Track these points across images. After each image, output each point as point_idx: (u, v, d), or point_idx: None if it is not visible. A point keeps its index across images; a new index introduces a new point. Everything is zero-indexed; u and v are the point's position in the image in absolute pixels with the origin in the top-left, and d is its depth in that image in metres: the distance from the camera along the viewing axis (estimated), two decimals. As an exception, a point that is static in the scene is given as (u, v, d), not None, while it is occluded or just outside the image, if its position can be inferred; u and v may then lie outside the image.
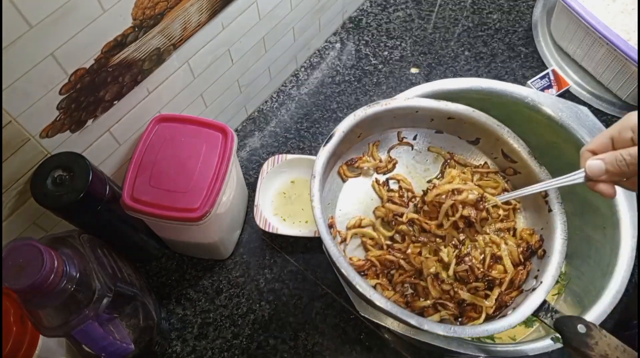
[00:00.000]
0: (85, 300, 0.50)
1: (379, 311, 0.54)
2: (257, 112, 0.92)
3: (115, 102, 0.61)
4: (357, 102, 0.92)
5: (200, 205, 0.60)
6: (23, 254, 0.46)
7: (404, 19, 1.02)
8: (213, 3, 0.65)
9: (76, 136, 0.59)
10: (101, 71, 0.56)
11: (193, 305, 0.75)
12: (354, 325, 0.72)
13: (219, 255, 0.77)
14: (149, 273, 0.77)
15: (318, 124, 0.90)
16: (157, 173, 0.62)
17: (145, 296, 0.65)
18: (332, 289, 0.75)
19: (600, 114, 0.89)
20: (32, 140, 0.54)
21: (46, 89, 0.51)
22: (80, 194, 0.54)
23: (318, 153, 0.61)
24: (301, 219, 0.79)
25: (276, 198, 0.81)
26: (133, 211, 0.61)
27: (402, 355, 0.71)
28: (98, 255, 0.57)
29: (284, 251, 0.78)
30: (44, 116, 0.53)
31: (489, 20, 1.01)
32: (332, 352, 0.71)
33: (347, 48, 0.99)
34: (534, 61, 0.96)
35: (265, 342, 0.72)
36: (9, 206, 0.56)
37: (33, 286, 0.45)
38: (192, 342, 0.72)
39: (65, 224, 0.62)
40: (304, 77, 0.96)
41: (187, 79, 0.70)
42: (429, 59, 0.97)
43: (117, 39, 0.55)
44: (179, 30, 0.63)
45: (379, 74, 0.95)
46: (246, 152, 0.88)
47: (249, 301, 0.75)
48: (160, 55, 0.62)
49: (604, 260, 0.62)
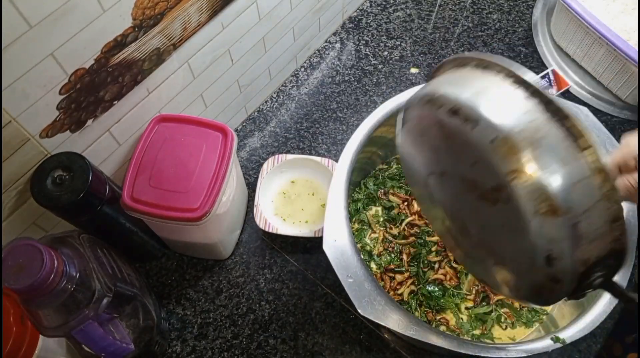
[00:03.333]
0: (85, 300, 0.50)
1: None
2: (257, 112, 0.92)
3: (115, 102, 0.61)
4: (357, 102, 0.92)
5: (200, 205, 0.60)
6: (23, 254, 0.46)
7: (404, 19, 1.02)
8: (213, 3, 0.65)
9: (76, 136, 0.59)
10: (101, 71, 0.56)
11: (193, 305, 0.75)
12: (354, 325, 0.72)
13: (219, 255, 0.77)
14: (149, 273, 0.77)
15: (318, 124, 0.90)
16: (157, 173, 0.62)
17: (145, 296, 0.65)
18: (332, 289, 0.75)
19: (600, 114, 0.89)
20: (32, 140, 0.54)
21: (46, 89, 0.51)
22: (80, 194, 0.54)
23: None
24: (301, 219, 0.79)
25: (276, 198, 0.81)
26: (133, 211, 0.61)
27: (402, 355, 0.71)
28: (98, 255, 0.57)
29: (284, 251, 0.78)
30: (44, 116, 0.53)
31: (489, 21, 1.01)
32: (332, 352, 0.71)
33: (347, 48, 0.99)
34: (534, 61, 0.96)
35: (265, 342, 0.72)
36: (9, 206, 0.56)
37: (33, 286, 0.45)
38: (192, 342, 0.72)
39: (65, 224, 0.62)
40: (304, 77, 0.96)
41: (187, 79, 0.70)
42: (429, 59, 0.97)
43: (117, 39, 0.55)
44: (179, 30, 0.63)
45: (379, 74, 0.95)
46: (246, 152, 0.88)
47: (249, 301, 0.75)
48: (160, 55, 0.63)
49: (603, 260, 0.62)
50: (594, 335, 0.70)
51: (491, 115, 0.37)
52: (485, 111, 0.38)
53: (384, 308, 0.56)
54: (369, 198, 0.78)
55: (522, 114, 0.37)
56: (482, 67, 0.41)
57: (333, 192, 0.64)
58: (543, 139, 0.36)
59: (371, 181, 0.79)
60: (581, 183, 0.36)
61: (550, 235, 0.37)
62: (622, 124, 0.88)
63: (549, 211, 0.36)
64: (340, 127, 0.89)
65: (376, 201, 0.78)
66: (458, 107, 0.39)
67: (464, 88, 0.40)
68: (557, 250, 0.37)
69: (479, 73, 0.41)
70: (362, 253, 0.73)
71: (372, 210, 0.78)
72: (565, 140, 0.36)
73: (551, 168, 0.36)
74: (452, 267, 0.72)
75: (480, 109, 0.38)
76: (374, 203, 0.78)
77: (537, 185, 0.36)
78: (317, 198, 0.80)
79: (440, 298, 0.70)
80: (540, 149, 0.36)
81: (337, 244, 0.60)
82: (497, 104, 0.38)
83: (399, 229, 0.75)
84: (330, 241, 0.60)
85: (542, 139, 0.36)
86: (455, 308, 0.70)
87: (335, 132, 0.89)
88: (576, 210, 0.36)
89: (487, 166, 0.38)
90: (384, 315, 0.56)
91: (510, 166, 0.37)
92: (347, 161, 0.66)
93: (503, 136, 0.37)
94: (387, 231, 0.75)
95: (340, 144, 0.87)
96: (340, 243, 0.60)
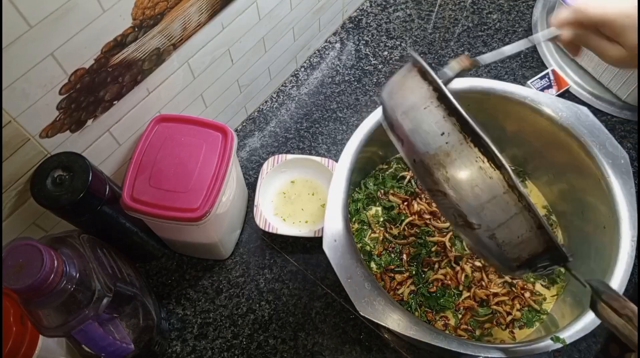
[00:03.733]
0: (85, 300, 0.50)
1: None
2: (257, 112, 0.92)
3: (115, 102, 0.61)
4: (357, 102, 0.92)
5: (200, 205, 0.60)
6: (23, 254, 0.46)
7: (404, 19, 1.02)
8: (213, 3, 0.65)
9: (76, 136, 0.59)
10: (101, 71, 0.56)
11: (193, 305, 0.75)
12: (353, 325, 0.72)
13: (218, 255, 0.77)
14: (149, 273, 0.77)
15: (318, 124, 0.90)
16: (157, 173, 0.62)
17: (145, 296, 0.65)
18: (332, 289, 0.75)
19: (600, 114, 0.89)
20: (32, 140, 0.54)
21: (46, 89, 0.51)
22: (80, 194, 0.54)
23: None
24: (301, 219, 0.79)
25: (276, 198, 0.81)
26: (133, 211, 0.61)
27: (402, 355, 0.71)
28: (98, 255, 0.57)
29: (284, 251, 0.78)
30: (44, 116, 0.53)
31: (489, 20, 1.01)
32: (332, 352, 0.71)
33: (347, 48, 0.99)
34: (534, 61, 0.96)
35: (265, 341, 0.72)
36: (8, 206, 0.56)
37: (33, 286, 0.45)
38: (192, 342, 0.72)
39: (65, 224, 0.62)
40: (303, 77, 0.96)
41: (187, 79, 0.70)
42: (429, 59, 0.97)
43: (117, 39, 0.55)
44: (178, 30, 0.63)
45: (379, 74, 0.95)
46: (246, 152, 0.88)
47: (249, 301, 0.75)
48: (160, 55, 0.63)
49: (603, 260, 0.62)
50: (594, 335, 0.70)
51: (412, 137, 0.42)
52: (409, 132, 0.43)
53: (384, 308, 0.56)
54: (369, 198, 0.78)
55: (437, 136, 0.41)
56: (421, 73, 0.44)
57: (333, 192, 0.64)
58: (455, 160, 0.40)
59: (371, 181, 0.79)
60: (495, 200, 0.40)
61: (476, 240, 0.42)
62: (622, 124, 0.88)
63: (465, 225, 0.41)
64: (340, 128, 0.89)
65: (376, 201, 0.78)
66: (392, 124, 0.45)
67: (398, 103, 0.45)
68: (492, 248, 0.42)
69: (416, 81, 0.44)
70: (362, 253, 0.73)
71: (372, 210, 0.78)
72: (477, 161, 0.40)
73: (460, 188, 0.40)
74: (452, 267, 0.72)
75: (404, 129, 0.43)
76: (374, 203, 0.78)
77: (451, 204, 0.41)
78: (317, 198, 0.80)
79: (440, 298, 0.70)
80: (452, 170, 0.40)
81: (337, 244, 0.60)
82: (419, 124, 0.42)
83: (399, 229, 0.75)
84: (330, 241, 0.60)
85: (454, 160, 0.40)
86: (454, 309, 0.70)
87: (335, 132, 0.89)
88: (490, 224, 0.40)
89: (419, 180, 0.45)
90: (384, 315, 0.55)
91: (429, 186, 0.42)
92: (347, 161, 0.66)
93: (419, 159, 0.42)
94: (387, 231, 0.75)
95: (340, 144, 0.87)
96: (340, 243, 0.60)
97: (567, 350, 0.70)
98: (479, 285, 0.71)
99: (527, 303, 0.70)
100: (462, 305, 0.69)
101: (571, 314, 0.62)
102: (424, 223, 0.75)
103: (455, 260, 0.72)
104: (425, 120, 0.42)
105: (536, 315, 0.70)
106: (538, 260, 0.43)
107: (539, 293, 0.71)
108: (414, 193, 0.77)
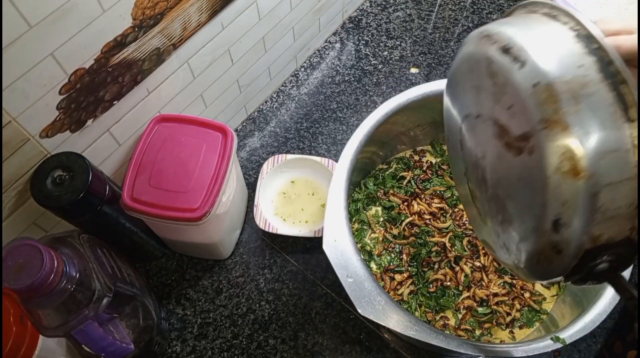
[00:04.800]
0: (85, 300, 0.50)
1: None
2: (257, 112, 0.92)
3: (115, 102, 0.61)
4: (357, 102, 0.92)
5: (200, 205, 0.60)
6: (23, 254, 0.46)
7: (404, 19, 1.02)
8: (213, 3, 0.65)
9: (76, 136, 0.59)
10: (101, 71, 0.56)
11: (193, 305, 0.75)
12: (353, 325, 0.72)
13: (218, 255, 0.77)
14: (149, 273, 0.77)
15: (318, 124, 0.90)
16: (157, 173, 0.62)
17: (145, 296, 0.65)
18: (332, 289, 0.75)
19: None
20: (31, 140, 0.54)
21: (46, 89, 0.51)
22: (80, 194, 0.54)
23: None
24: (301, 219, 0.79)
25: (276, 198, 0.81)
26: (133, 211, 0.61)
27: (402, 355, 0.71)
28: (98, 255, 0.57)
29: (284, 251, 0.78)
30: (44, 116, 0.53)
31: (489, 20, 1.01)
32: (332, 352, 0.71)
33: (347, 48, 0.99)
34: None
35: (265, 341, 0.72)
36: (8, 206, 0.56)
37: (33, 286, 0.45)
38: (192, 342, 0.72)
39: (65, 224, 0.62)
40: (303, 77, 0.96)
41: (187, 79, 0.70)
42: (429, 59, 0.97)
43: (117, 39, 0.55)
44: (178, 30, 0.63)
45: (378, 74, 0.95)
46: (246, 152, 0.88)
47: (249, 301, 0.75)
48: (160, 55, 0.63)
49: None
50: (594, 335, 0.70)
51: (541, 60, 0.36)
52: (536, 54, 0.36)
53: (384, 308, 0.56)
54: (369, 198, 0.78)
55: (574, 67, 0.35)
56: (550, 16, 0.39)
57: (333, 192, 0.64)
58: (589, 96, 0.34)
59: (371, 181, 0.79)
60: (615, 153, 0.34)
61: (565, 197, 0.34)
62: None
63: (571, 171, 0.34)
64: (340, 128, 0.89)
65: (376, 201, 0.78)
66: (510, 46, 0.38)
67: (523, 31, 0.39)
68: (567, 216, 0.35)
69: (544, 20, 0.39)
70: (362, 253, 0.73)
71: (372, 210, 0.78)
72: (612, 105, 0.34)
73: (587, 128, 0.34)
74: (451, 267, 0.72)
75: (531, 51, 0.37)
76: (374, 203, 0.78)
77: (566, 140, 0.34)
78: (317, 198, 0.80)
79: (440, 298, 0.70)
80: (582, 105, 0.34)
81: (337, 244, 0.60)
82: (551, 51, 0.36)
83: (399, 229, 0.75)
84: (330, 241, 0.60)
85: (588, 96, 0.34)
86: (454, 309, 0.70)
87: (335, 132, 0.89)
88: (600, 179, 0.34)
89: (522, 111, 0.36)
90: (384, 315, 0.56)
91: (544, 114, 0.35)
92: (347, 161, 0.66)
93: (546, 82, 0.35)
94: (387, 231, 0.75)
95: (340, 144, 0.87)
96: (340, 243, 0.60)
97: (567, 350, 0.70)
98: (479, 285, 0.71)
99: (527, 303, 0.70)
100: (462, 305, 0.69)
101: (571, 314, 0.62)
102: (424, 223, 0.75)
103: (455, 260, 0.72)
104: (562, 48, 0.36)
105: (536, 315, 0.70)
106: (605, 252, 0.36)
107: (539, 293, 0.71)
108: (414, 193, 0.78)
